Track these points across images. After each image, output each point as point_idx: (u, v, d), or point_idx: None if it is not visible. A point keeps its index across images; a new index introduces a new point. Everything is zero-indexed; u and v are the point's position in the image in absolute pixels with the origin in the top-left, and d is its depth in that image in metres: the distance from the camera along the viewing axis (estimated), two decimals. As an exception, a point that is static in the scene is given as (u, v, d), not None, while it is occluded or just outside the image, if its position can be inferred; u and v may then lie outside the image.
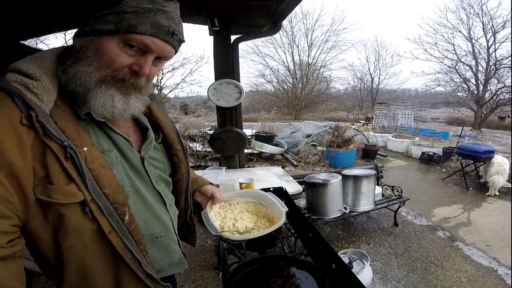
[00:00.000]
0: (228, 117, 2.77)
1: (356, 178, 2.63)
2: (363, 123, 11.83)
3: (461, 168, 4.74)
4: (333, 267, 0.79)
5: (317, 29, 24.79)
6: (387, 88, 22.70)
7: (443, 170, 5.54)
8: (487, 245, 2.80)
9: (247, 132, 6.36)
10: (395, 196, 3.25)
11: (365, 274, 1.98)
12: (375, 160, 6.38)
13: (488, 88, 13.58)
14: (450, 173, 5.13)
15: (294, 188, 2.28)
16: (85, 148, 0.58)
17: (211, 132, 3.28)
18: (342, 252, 2.20)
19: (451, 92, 15.45)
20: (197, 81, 28.74)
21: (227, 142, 2.78)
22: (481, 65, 13.72)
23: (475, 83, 13.95)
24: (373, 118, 13.17)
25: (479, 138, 8.34)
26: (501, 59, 12.77)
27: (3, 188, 0.50)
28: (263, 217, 0.94)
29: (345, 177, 2.66)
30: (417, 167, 5.96)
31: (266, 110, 13.37)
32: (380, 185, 3.37)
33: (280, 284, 0.75)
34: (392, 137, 8.00)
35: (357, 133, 7.59)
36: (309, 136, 7.10)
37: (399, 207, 3.19)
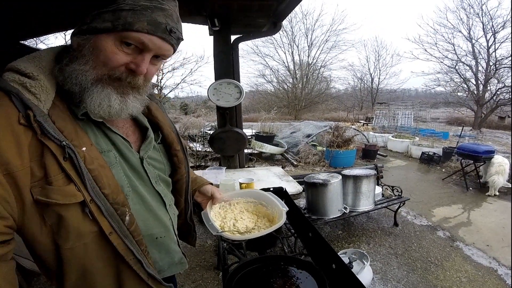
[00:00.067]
0: (228, 117, 2.77)
1: (356, 178, 2.63)
2: (363, 123, 11.82)
3: (461, 168, 4.74)
4: (333, 267, 0.79)
5: (317, 29, 24.80)
6: (387, 88, 22.76)
7: (443, 170, 5.54)
8: (487, 245, 2.80)
9: (247, 132, 6.36)
10: (395, 196, 3.25)
11: (365, 274, 1.98)
12: (375, 160, 6.38)
13: (488, 88, 13.60)
14: (450, 173, 5.13)
15: (294, 188, 2.28)
16: (84, 148, 0.57)
17: (211, 132, 3.28)
18: (342, 252, 2.20)
19: (451, 92, 15.46)
20: (197, 81, 28.83)
21: (227, 142, 2.78)
22: (481, 65, 13.76)
23: (475, 83, 13.97)
24: (373, 118, 13.18)
25: (479, 138, 8.35)
26: (501, 59, 12.80)
27: (1, 187, 0.49)
28: (263, 217, 0.94)
29: (345, 177, 2.66)
30: (417, 167, 5.96)
31: (266, 110, 13.36)
32: (380, 185, 3.37)
33: (280, 284, 0.75)
34: (392, 137, 7.99)
35: (357, 133, 7.59)
36: (309, 136, 7.09)
37: (399, 207, 3.19)
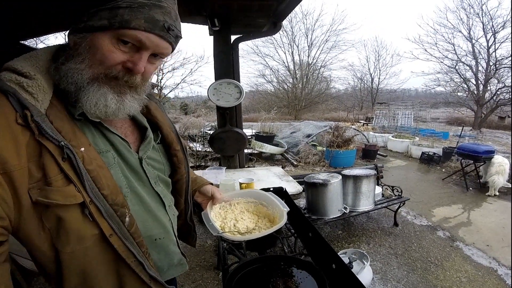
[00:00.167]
0: (228, 117, 2.77)
1: (356, 178, 2.63)
2: (363, 123, 11.82)
3: (461, 168, 4.74)
4: (333, 267, 0.79)
5: (317, 29, 24.86)
6: (387, 88, 22.78)
7: (443, 170, 5.54)
8: (487, 245, 2.80)
9: (247, 132, 6.36)
10: (395, 196, 3.25)
11: (365, 274, 1.98)
12: (375, 160, 6.38)
13: (488, 88, 13.60)
14: (450, 173, 5.13)
15: (294, 188, 2.28)
16: (82, 149, 0.56)
17: (211, 132, 3.28)
18: (342, 252, 2.20)
19: (451, 92, 15.47)
20: (197, 81, 28.95)
21: (227, 142, 2.78)
22: (481, 65, 13.77)
23: (475, 83, 13.97)
24: (373, 118, 13.19)
25: (479, 138, 8.35)
26: (501, 59, 12.81)
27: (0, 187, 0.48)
28: (264, 217, 0.94)
29: (345, 177, 2.66)
30: (417, 167, 5.96)
31: (266, 110, 13.36)
32: (380, 185, 3.37)
33: (280, 284, 0.75)
34: (392, 137, 7.99)
35: (357, 133, 7.59)
36: (309, 136, 7.09)
37: (399, 207, 3.19)
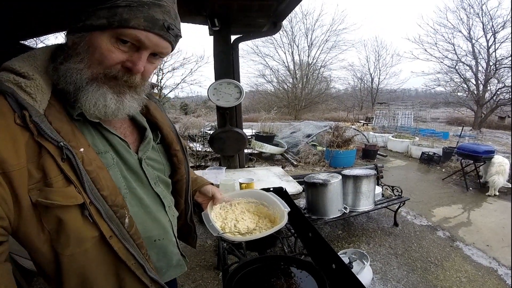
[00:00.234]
0: (228, 117, 2.77)
1: (356, 178, 2.63)
2: (363, 123, 11.82)
3: (461, 168, 4.74)
4: (333, 267, 0.79)
5: (317, 29, 24.85)
6: (387, 88, 22.76)
7: (443, 170, 5.54)
8: (487, 245, 2.80)
9: (247, 132, 6.36)
10: (395, 196, 3.25)
11: (365, 274, 1.98)
12: (375, 160, 6.38)
13: (488, 88, 13.59)
14: (450, 173, 5.13)
15: (294, 188, 2.28)
16: (82, 149, 0.55)
17: (211, 132, 3.28)
18: (342, 252, 2.20)
19: (451, 92, 15.47)
20: (197, 81, 28.88)
21: (227, 142, 2.78)
22: (481, 65, 13.76)
23: (475, 83, 13.97)
24: (373, 118, 13.19)
25: (479, 138, 8.34)
26: (501, 59, 12.80)
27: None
28: (264, 218, 0.94)
29: (345, 177, 2.66)
30: (417, 167, 5.96)
31: (266, 110, 13.35)
32: (380, 185, 3.36)
33: (280, 284, 0.75)
34: (392, 137, 7.99)
35: (357, 133, 7.59)
36: (309, 136, 7.09)
37: (399, 207, 3.19)
